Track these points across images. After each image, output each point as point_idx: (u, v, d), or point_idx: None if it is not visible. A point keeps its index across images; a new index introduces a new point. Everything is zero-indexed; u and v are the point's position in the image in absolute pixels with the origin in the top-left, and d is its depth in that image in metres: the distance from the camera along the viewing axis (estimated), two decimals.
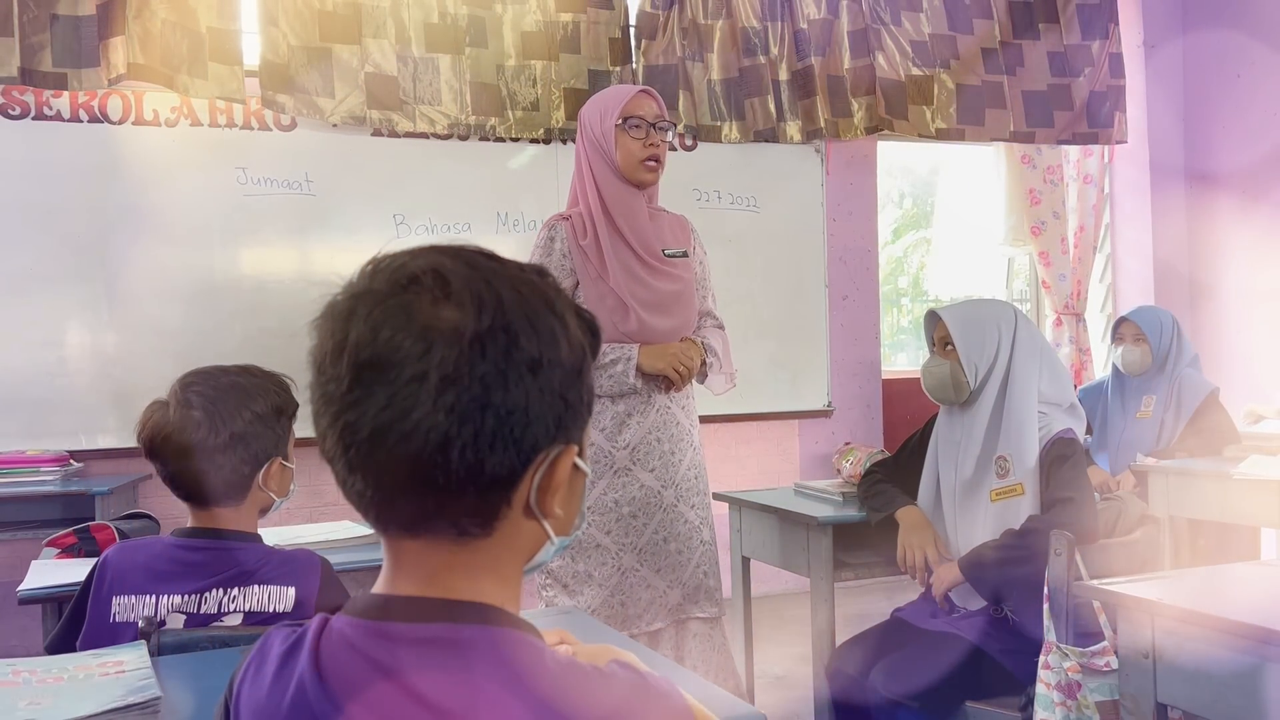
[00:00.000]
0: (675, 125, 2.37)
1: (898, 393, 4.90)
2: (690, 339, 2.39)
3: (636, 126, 2.30)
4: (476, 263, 0.71)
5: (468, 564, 0.71)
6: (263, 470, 1.50)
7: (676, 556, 2.34)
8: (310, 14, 3.90)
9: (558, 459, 0.71)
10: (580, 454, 0.74)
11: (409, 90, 4.02)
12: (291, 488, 1.57)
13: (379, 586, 0.73)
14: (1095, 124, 5.06)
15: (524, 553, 0.74)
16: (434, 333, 0.66)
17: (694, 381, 2.42)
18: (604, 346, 2.13)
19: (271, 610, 1.45)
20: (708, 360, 2.39)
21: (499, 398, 0.67)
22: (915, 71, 4.77)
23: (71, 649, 1.43)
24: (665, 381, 2.33)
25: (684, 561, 2.35)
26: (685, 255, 2.42)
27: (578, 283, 2.32)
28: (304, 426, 0.86)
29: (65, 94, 3.63)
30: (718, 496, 2.96)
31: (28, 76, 3.52)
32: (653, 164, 2.34)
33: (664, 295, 2.34)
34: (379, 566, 0.74)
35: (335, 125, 3.92)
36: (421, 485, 0.67)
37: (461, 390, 0.66)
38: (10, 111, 3.63)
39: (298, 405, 1.53)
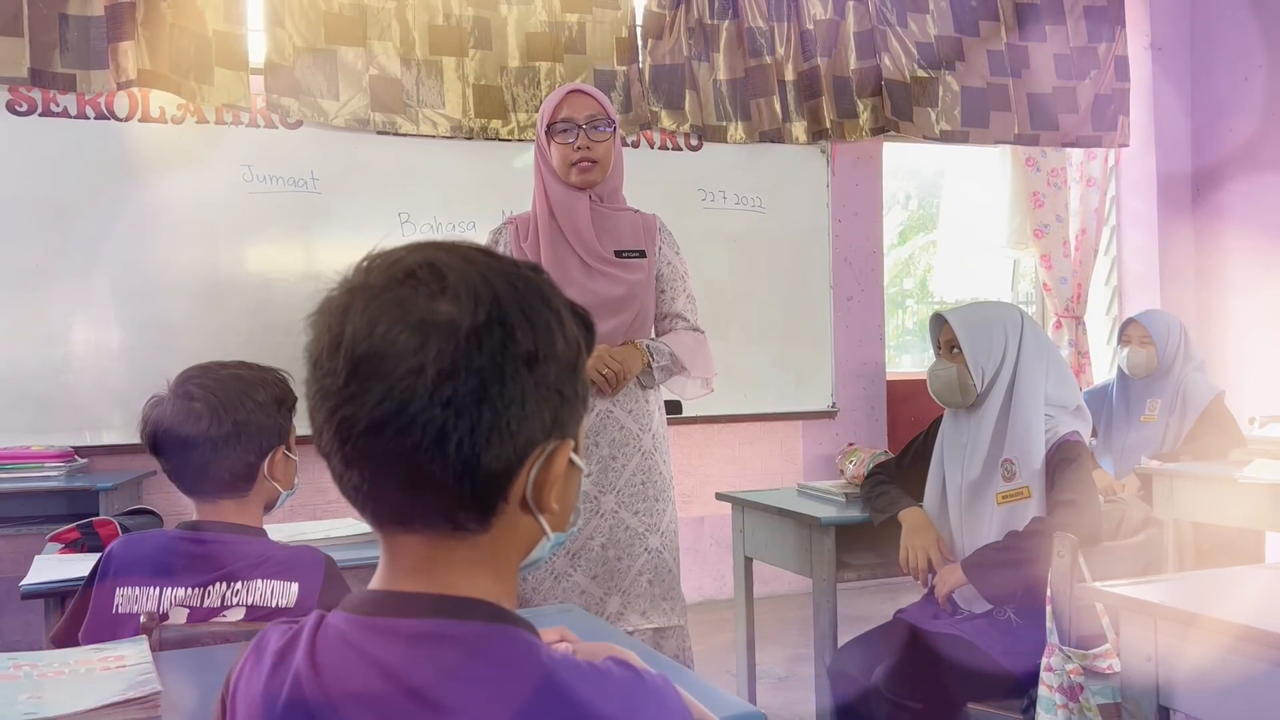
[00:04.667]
0: (614, 121, 2.29)
1: (902, 395, 4.89)
2: (631, 343, 2.31)
3: (565, 130, 2.27)
4: (472, 258, 0.71)
5: (464, 560, 0.71)
6: (267, 460, 1.50)
7: (615, 563, 2.28)
8: (316, 15, 3.90)
9: (554, 453, 0.71)
10: (575, 449, 0.74)
11: (412, 93, 4.02)
12: (296, 480, 1.58)
13: (375, 582, 0.73)
14: (1100, 127, 5.05)
15: (520, 549, 0.74)
16: (430, 327, 0.66)
17: (657, 386, 2.36)
18: None
19: (274, 605, 1.45)
20: (653, 363, 2.31)
21: (495, 391, 0.67)
22: (920, 73, 4.76)
23: (75, 641, 1.44)
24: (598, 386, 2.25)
25: (624, 569, 2.29)
26: (642, 255, 2.35)
27: None
28: (304, 425, 0.86)
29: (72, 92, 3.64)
30: (720, 496, 2.96)
31: (37, 77, 3.53)
32: (586, 165, 2.27)
33: (600, 298, 2.28)
34: None
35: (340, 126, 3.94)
36: (418, 479, 0.67)
37: (458, 384, 0.66)
38: (17, 108, 3.63)
39: (296, 398, 1.53)
